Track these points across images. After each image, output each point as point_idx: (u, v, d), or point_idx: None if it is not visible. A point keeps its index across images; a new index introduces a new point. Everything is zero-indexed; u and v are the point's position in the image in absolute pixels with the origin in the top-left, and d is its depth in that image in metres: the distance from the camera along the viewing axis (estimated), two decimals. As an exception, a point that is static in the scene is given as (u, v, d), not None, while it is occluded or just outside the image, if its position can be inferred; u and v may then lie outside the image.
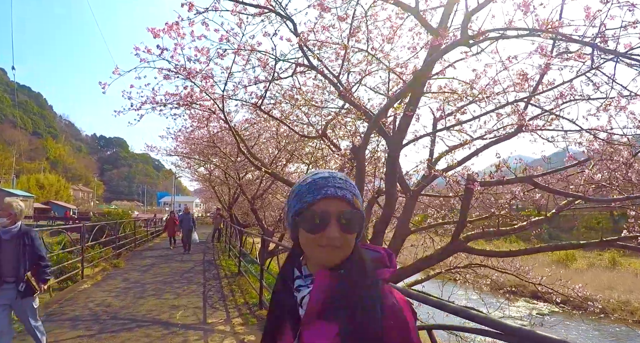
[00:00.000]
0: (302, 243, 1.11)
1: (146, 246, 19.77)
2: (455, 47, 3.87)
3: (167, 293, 8.86)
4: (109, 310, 7.36)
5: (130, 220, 19.40)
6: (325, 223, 1.06)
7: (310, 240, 1.08)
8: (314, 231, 1.07)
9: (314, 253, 1.10)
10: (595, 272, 25.21)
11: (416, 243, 9.85)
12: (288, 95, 7.31)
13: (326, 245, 1.06)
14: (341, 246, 1.08)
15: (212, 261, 14.69)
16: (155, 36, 5.58)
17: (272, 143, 12.98)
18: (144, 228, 23.28)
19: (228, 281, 10.66)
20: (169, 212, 20.51)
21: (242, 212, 21.81)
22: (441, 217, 9.65)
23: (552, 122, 5.71)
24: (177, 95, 6.78)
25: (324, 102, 7.32)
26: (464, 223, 5.77)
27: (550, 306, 18.25)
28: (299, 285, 1.14)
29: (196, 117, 10.14)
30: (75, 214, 64.65)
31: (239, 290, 9.46)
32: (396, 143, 5.29)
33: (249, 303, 8.22)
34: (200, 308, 7.69)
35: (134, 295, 8.63)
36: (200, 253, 17.19)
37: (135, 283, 9.97)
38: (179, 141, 15.53)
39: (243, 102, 7.29)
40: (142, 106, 6.88)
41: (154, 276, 11.03)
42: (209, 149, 14.01)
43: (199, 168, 21.01)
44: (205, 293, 9.07)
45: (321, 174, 1.14)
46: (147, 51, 5.76)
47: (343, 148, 7.69)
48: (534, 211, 7.73)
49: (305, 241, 1.10)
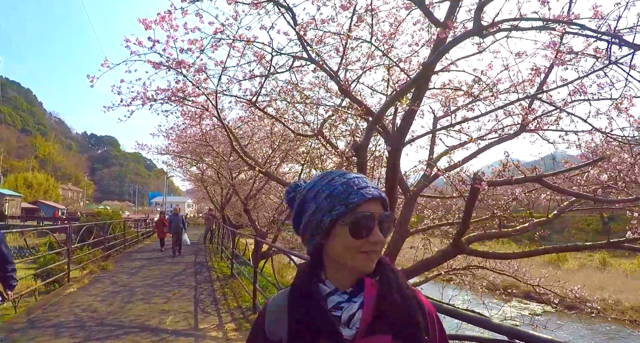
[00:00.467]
0: (339, 251, 1.01)
1: (136, 247, 19.37)
2: (468, 37, 3.66)
3: (157, 297, 8.54)
4: (95, 315, 7.05)
5: (119, 221, 19.01)
6: (371, 226, 0.99)
7: (354, 246, 0.99)
8: (360, 236, 0.99)
9: (354, 261, 1.01)
10: (587, 273, 25.38)
11: (413, 244, 9.70)
12: (284, 91, 7.04)
13: (370, 251, 1.00)
14: (379, 251, 1.03)
15: (203, 263, 14.37)
16: (146, 28, 5.29)
17: (266, 143, 12.77)
18: (134, 228, 22.87)
19: (220, 284, 10.36)
20: (159, 213, 20.05)
21: (235, 213, 21.54)
22: (438, 218, 9.51)
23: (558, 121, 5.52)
24: (168, 90, 6.49)
25: (321, 99, 7.07)
26: (467, 224, 5.55)
27: (543, 306, 18.42)
28: (339, 302, 1.02)
29: (188, 115, 9.84)
30: (64, 214, 63.81)
31: (231, 294, 9.17)
32: (398, 140, 5.05)
33: (242, 307, 7.94)
34: (191, 313, 7.39)
35: (121, 299, 8.31)
36: (191, 255, 16.85)
37: (124, 286, 9.64)
38: (171, 139, 15.24)
39: (237, 99, 7.01)
40: (132, 101, 6.58)
41: (143, 279, 10.70)
42: (201, 147, 13.71)
43: (191, 168, 20.72)
44: (196, 296, 8.77)
45: (349, 174, 1.07)
46: (138, 43, 5.47)
47: (341, 147, 7.46)
48: (527, 212, 7.58)
49: (344, 248, 1.01)
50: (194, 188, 33.06)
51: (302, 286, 1.06)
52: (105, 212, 23.32)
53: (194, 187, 33.02)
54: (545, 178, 5.31)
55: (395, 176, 5.15)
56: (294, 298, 1.06)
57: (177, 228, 16.59)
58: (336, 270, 1.05)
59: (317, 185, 1.07)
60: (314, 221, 1.04)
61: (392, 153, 5.01)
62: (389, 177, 5.14)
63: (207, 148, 13.07)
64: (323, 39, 5.36)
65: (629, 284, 22.07)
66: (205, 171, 19.87)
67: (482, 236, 6.68)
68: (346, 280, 1.04)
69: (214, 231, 22.57)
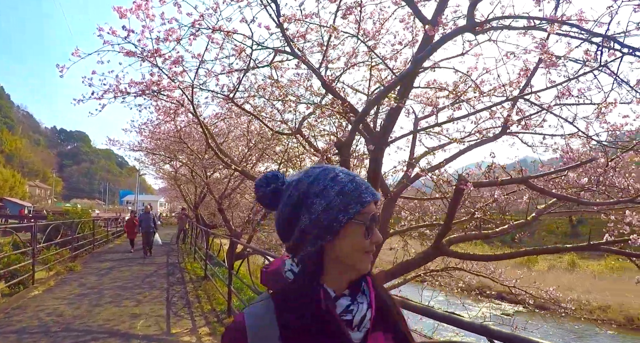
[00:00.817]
0: (347, 251, 0.96)
1: (106, 247, 18.79)
2: (460, 33, 3.57)
3: (127, 300, 8.20)
4: (60, 320, 6.69)
5: (88, 219, 18.37)
6: (374, 226, 0.99)
7: (362, 246, 0.97)
8: (368, 236, 0.97)
9: (361, 262, 0.98)
10: (556, 274, 26.08)
11: (390, 246, 9.66)
12: (263, 87, 6.84)
13: (370, 251, 0.98)
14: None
15: (176, 264, 14.01)
16: (121, 16, 5.03)
17: (242, 141, 12.54)
18: (105, 228, 22.19)
19: (194, 286, 10.07)
20: (130, 212, 19.41)
21: (209, 212, 21.17)
22: (415, 220, 9.46)
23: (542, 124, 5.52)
24: (142, 84, 6.20)
25: (301, 97, 6.89)
26: (449, 226, 5.46)
27: (514, 306, 18.85)
28: (348, 305, 0.97)
29: (162, 110, 9.52)
30: (31, 212, 61.65)
31: (205, 296, 8.90)
32: (381, 139, 4.93)
33: (217, 310, 7.70)
34: (163, 317, 7.11)
35: (90, 302, 7.95)
36: (163, 256, 16.41)
37: (92, 288, 9.25)
38: (144, 136, 14.76)
39: (214, 94, 6.76)
40: (104, 94, 6.27)
41: (112, 280, 10.31)
42: (175, 145, 13.34)
43: (165, 165, 20.20)
44: (169, 299, 8.47)
45: (349, 171, 1.03)
46: (112, 32, 5.19)
47: (321, 146, 7.31)
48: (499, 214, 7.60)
49: (352, 248, 0.96)
50: (167, 186, 32.30)
51: (305, 290, 0.95)
52: (74, 210, 22.50)
53: (167, 185, 32.26)
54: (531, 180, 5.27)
55: (378, 176, 5.03)
56: (291, 306, 0.95)
57: (147, 228, 16.02)
58: (338, 272, 0.99)
59: (321, 180, 0.98)
60: (326, 219, 0.94)
61: (375, 152, 4.88)
62: (371, 177, 5.02)
63: (182, 145, 12.73)
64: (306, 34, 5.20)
65: (597, 285, 22.84)
66: (179, 169, 19.43)
67: (462, 238, 6.65)
68: (343, 282, 1.00)
69: (187, 231, 22.12)
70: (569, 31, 3.26)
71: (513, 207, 8.44)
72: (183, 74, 5.85)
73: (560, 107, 4.76)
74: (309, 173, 1.01)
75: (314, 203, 0.96)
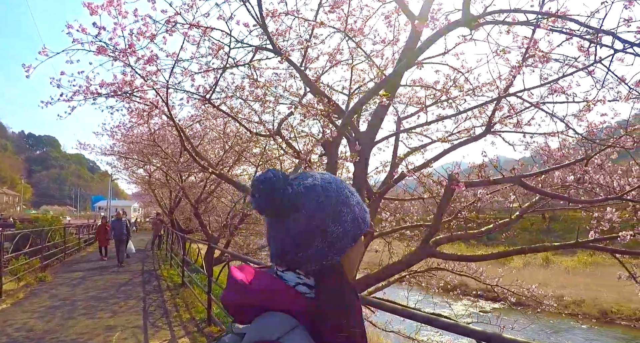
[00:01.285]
0: (354, 260, 0.95)
1: (78, 256, 18.12)
2: (455, 28, 3.45)
3: (102, 311, 7.84)
4: (31, 335, 6.32)
5: (59, 227, 17.71)
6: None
7: (362, 252, 1.02)
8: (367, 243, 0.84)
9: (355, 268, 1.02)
10: (531, 270, 26.52)
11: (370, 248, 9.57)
12: (241, 88, 6.64)
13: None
14: None
15: (152, 272, 13.59)
16: (92, 13, 4.78)
17: (218, 143, 12.29)
18: (76, 235, 21.45)
19: (171, 294, 9.75)
20: (102, 218, 18.66)
21: (185, 217, 20.76)
22: (396, 221, 9.39)
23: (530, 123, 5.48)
24: (114, 84, 5.92)
25: (280, 97, 6.72)
26: (438, 226, 5.37)
27: (491, 303, 19.14)
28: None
29: (136, 112, 9.19)
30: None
31: (183, 304, 8.60)
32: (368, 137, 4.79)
33: (196, 319, 7.43)
34: (140, 328, 6.80)
35: (62, 315, 7.56)
36: (138, 263, 15.90)
37: (64, 300, 8.83)
38: (116, 139, 14.34)
39: (189, 95, 6.51)
40: (73, 96, 5.97)
41: (85, 290, 9.88)
42: (149, 148, 12.97)
43: (138, 170, 19.70)
44: (145, 309, 8.13)
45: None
46: (82, 30, 4.92)
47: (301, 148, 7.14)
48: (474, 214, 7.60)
49: (357, 257, 0.97)
50: (141, 191, 31.58)
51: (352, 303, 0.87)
52: (44, 218, 21.73)
53: (140, 190, 31.54)
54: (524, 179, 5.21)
55: (364, 176, 4.89)
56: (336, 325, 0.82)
57: (120, 235, 15.02)
58: None
59: (341, 188, 0.93)
60: (353, 229, 0.91)
61: (363, 151, 4.72)
62: (358, 176, 4.87)
63: (156, 149, 12.39)
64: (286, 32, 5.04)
65: (570, 280, 23.36)
66: (153, 174, 18.97)
67: (449, 238, 6.57)
68: None
69: (163, 237, 21.60)
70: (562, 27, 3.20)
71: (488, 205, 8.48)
72: (157, 74, 5.60)
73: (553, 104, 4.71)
74: (326, 179, 0.92)
75: (343, 212, 0.90)
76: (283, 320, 0.82)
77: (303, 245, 0.88)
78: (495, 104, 5.44)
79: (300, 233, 0.87)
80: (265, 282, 0.87)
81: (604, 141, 5.22)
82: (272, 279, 0.89)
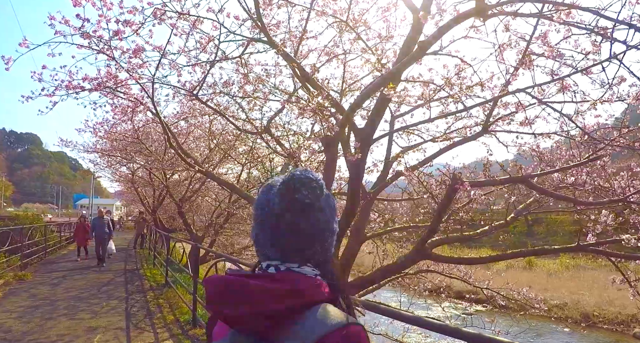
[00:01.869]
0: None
1: (59, 254, 17.70)
2: (468, 18, 3.38)
3: (83, 312, 7.61)
4: (8, 336, 6.08)
5: (40, 225, 17.28)
6: None
7: None
8: None
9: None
10: (514, 273, 26.59)
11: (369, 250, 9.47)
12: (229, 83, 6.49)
13: None
14: None
15: (134, 271, 13.30)
16: (75, 4, 4.60)
17: (203, 141, 12.12)
18: (58, 233, 20.97)
19: (154, 294, 9.52)
20: (80, 216, 17.75)
21: (168, 216, 20.51)
22: (384, 222, 9.31)
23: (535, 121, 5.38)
24: (97, 79, 5.73)
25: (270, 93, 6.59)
26: (435, 228, 5.25)
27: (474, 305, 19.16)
28: None
29: (120, 109, 8.96)
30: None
31: (167, 305, 8.40)
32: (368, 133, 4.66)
33: (181, 320, 7.24)
34: (122, 330, 6.59)
35: (41, 315, 7.32)
36: (120, 262, 15.57)
37: (44, 299, 8.56)
38: (99, 136, 13.98)
39: (176, 90, 6.34)
40: (55, 91, 5.76)
41: (66, 290, 9.60)
42: (133, 145, 12.69)
43: (121, 167, 19.35)
44: (128, 310, 7.91)
45: None
46: (65, 21, 4.75)
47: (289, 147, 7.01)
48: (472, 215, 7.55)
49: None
50: (124, 189, 31.06)
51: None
52: (25, 215, 21.27)
53: (123, 188, 31.02)
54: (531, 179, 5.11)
55: (361, 175, 4.77)
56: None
57: (101, 234, 14.24)
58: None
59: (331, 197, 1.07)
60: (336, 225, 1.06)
61: (362, 149, 4.58)
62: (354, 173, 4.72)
63: (140, 146, 12.12)
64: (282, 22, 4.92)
65: (553, 283, 23.54)
66: (136, 172, 18.65)
67: (445, 241, 6.49)
68: None
69: (145, 236, 21.29)
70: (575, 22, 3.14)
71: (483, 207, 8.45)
72: (143, 67, 5.43)
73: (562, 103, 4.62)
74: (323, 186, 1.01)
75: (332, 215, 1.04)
76: (333, 308, 0.90)
77: (321, 240, 1.00)
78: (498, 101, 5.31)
79: (322, 230, 0.99)
80: (305, 281, 0.92)
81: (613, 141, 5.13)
82: (304, 277, 0.94)
